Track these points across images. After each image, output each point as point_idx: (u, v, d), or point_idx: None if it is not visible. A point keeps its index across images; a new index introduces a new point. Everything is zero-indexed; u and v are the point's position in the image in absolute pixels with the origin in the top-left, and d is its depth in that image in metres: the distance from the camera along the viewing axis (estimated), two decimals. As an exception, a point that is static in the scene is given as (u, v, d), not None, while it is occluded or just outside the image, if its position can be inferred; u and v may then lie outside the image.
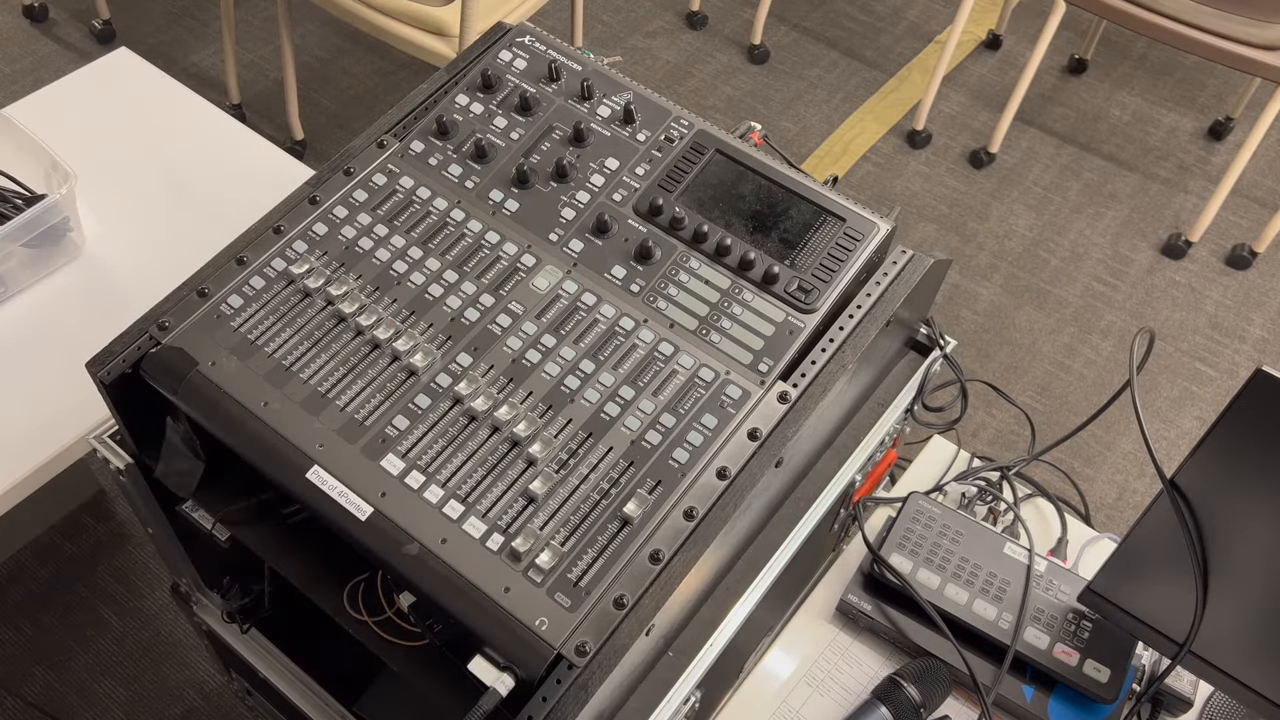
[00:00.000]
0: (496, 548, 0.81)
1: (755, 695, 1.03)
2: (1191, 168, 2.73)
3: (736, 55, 2.90)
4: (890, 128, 2.76)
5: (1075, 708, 0.99)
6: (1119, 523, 2.06)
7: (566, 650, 0.77)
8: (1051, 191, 2.65)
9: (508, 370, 0.90)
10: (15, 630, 1.79)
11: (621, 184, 1.00)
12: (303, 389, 0.89)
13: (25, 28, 2.74)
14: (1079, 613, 1.01)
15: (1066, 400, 2.25)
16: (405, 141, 1.03)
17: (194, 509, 1.02)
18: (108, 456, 1.00)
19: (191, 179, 1.45)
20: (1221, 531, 0.83)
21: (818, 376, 0.90)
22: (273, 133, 2.53)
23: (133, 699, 1.74)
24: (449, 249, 0.97)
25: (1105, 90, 2.92)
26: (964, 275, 2.45)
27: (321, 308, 0.93)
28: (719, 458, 0.85)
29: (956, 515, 1.08)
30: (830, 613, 1.08)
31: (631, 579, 0.80)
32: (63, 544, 1.89)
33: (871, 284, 0.96)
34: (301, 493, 0.85)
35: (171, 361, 0.90)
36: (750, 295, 0.94)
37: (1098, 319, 2.40)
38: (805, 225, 0.97)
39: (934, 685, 0.99)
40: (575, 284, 0.95)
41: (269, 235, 0.97)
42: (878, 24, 3.05)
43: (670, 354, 0.91)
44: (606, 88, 1.06)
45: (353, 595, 0.96)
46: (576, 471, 0.85)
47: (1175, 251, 2.52)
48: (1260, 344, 2.38)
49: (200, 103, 1.55)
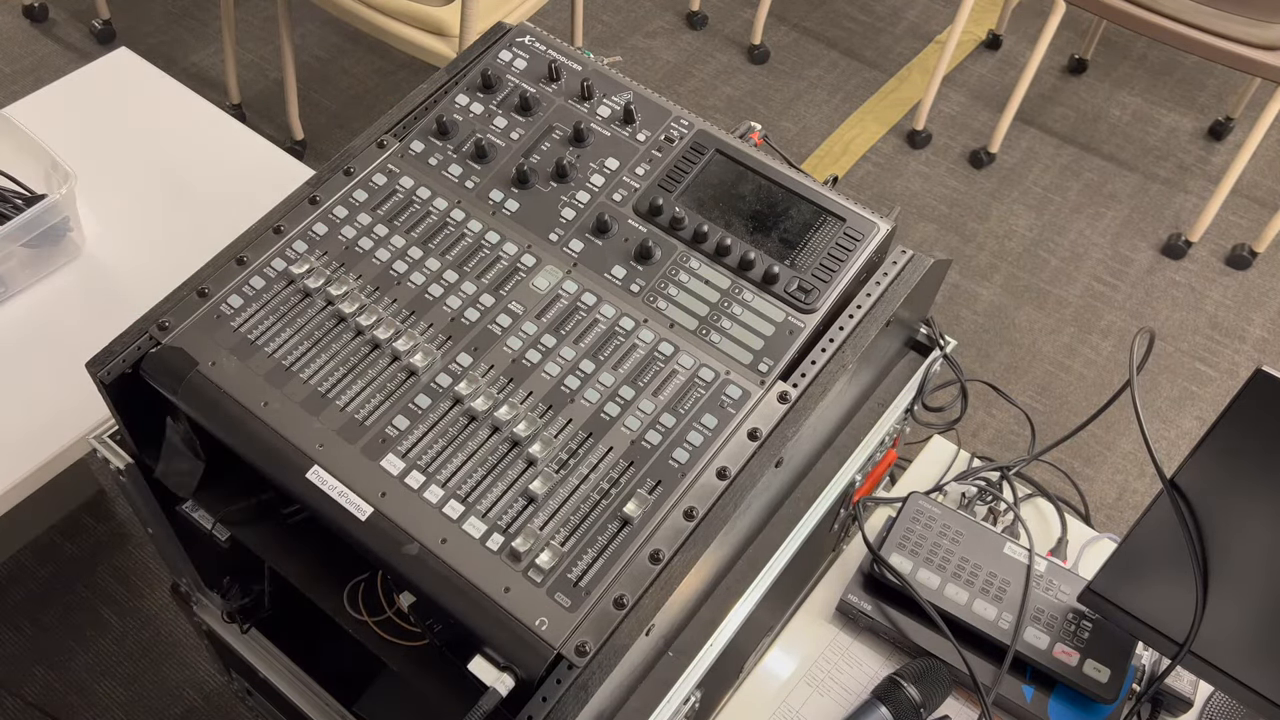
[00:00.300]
0: (496, 548, 0.81)
1: (755, 695, 1.03)
2: (1191, 168, 2.73)
3: (736, 55, 2.90)
4: (890, 128, 2.76)
5: (1075, 708, 0.99)
6: (1119, 523, 2.06)
7: (566, 650, 0.77)
8: (1051, 191, 2.65)
9: (508, 370, 0.90)
10: (15, 630, 1.79)
11: (621, 184, 1.00)
12: (303, 389, 0.89)
13: (25, 28, 2.74)
14: (1079, 613, 1.01)
15: (1066, 400, 2.25)
16: (405, 141, 1.03)
17: (194, 509, 1.02)
18: (108, 456, 1.00)
19: (191, 179, 1.45)
20: (1221, 531, 0.83)
21: (818, 376, 0.90)
22: (273, 133, 2.53)
23: (133, 699, 1.74)
24: (449, 249, 0.97)
25: (1105, 90, 2.92)
26: (964, 275, 2.46)
27: (321, 308, 0.93)
28: (719, 458, 0.85)
29: (956, 515, 1.08)
30: (830, 613, 1.08)
31: (631, 579, 0.80)
32: (63, 544, 1.89)
33: (871, 284, 0.96)
34: (301, 493, 0.85)
35: (171, 361, 0.90)
36: (750, 295, 0.94)
37: (1098, 319, 2.40)
38: (805, 225, 0.97)
39: (934, 685, 0.99)
40: (575, 284, 0.95)
41: (269, 235, 0.97)
42: (878, 24, 3.05)
43: (670, 354, 0.91)
44: (606, 88, 1.06)
45: (353, 595, 0.96)
46: (576, 471, 0.85)
47: (1175, 251, 2.52)
48: (1260, 344, 2.38)
49: (200, 103, 1.55)
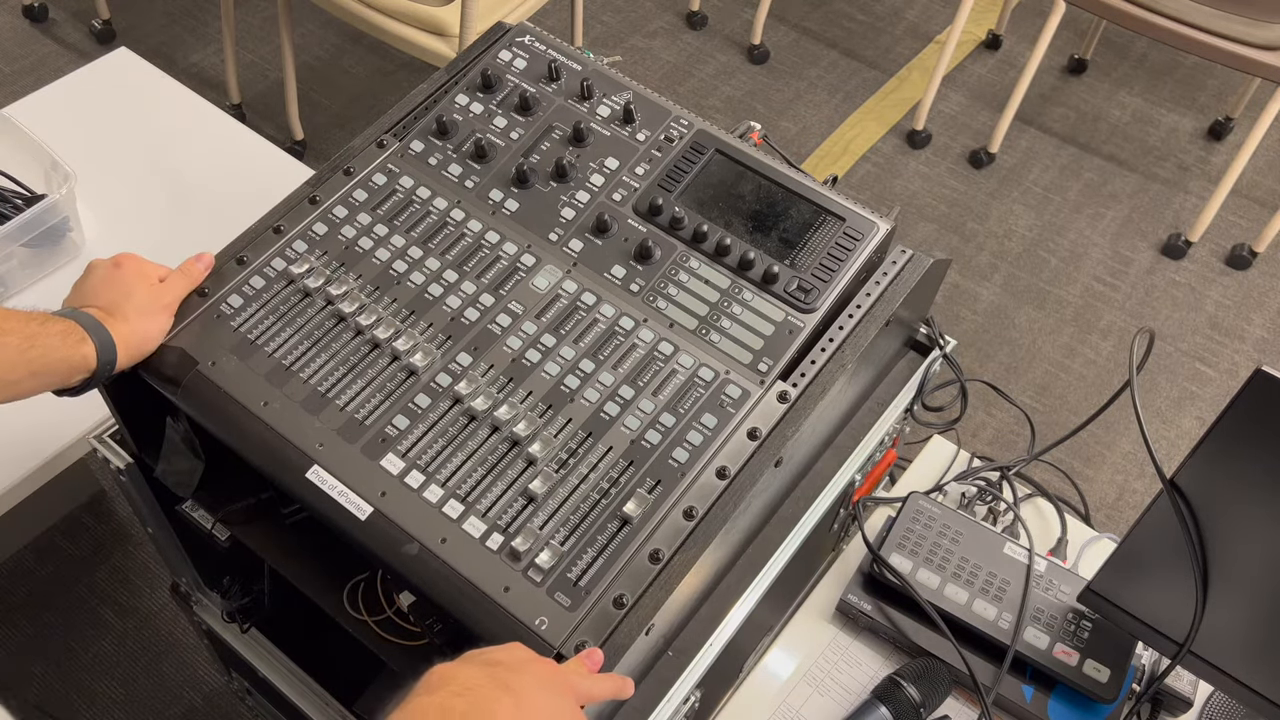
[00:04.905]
0: (496, 547, 0.81)
1: (755, 695, 1.03)
2: (1191, 168, 2.73)
3: (736, 55, 2.90)
4: (890, 128, 2.75)
5: (1075, 708, 0.99)
6: (1119, 523, 2.06)
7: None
8: (1051, 191, 2.65)
9: (508, 370, 0.90)
10: (15, 630, 1.79)
11: (621, 184, 1.00)
12: (303, 389, 0.89)
13: (25, 28, 2.74)
14: (1079, 613, 1.01)
15: (1066, 400, 2.25)
16: (405, 141, 1.03)
17: (194, 509, 1.02)
18: (108, 456, 1.00)
19: (191, 179, 1.45)
20: (1221, 531, 0.83)
21: (817, 376, 0.90)
22: (273, 133, 2.53)
23: (133, 699, 1.74)
24: (449, 249, 0.97)
25: (1105, 90, 2.92)
26: (964, 275, 2.45)
27: (321, 307, 0.93)
28: (719, 457, 0.85)
29: (956, 515, 1.08)
30: (830, 613, 1.08)
31: (631, 579, 0.80)
32: (63, 544, 1.89)
33: (871, 284, 0.96)
34: (301, 493, 0.85)
35: (171, 361, 0.90)
36: (750, 295, 0.94)
37: (1098, 319, 2.40)
38: (805, 225, 0.97)
39: (934, 685, 0.99)
40: (575, 284, 0.95)
41: (269, 235, 0.97)
42: (878, 24, 3.05)
43: (670, 353, 0.91)
44: (606, 88, 1.06)
45: (353, 595, 0.96)
46: (576, 471, 0.85)
47: (1175, 251, 2.52)
48: (1260, 344, 2.38)
49: (200, 103, 1.55)
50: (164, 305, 0.90)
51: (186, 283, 0.93)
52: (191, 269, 0.93)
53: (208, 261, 0.94)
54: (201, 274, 0.94)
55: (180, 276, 0.93)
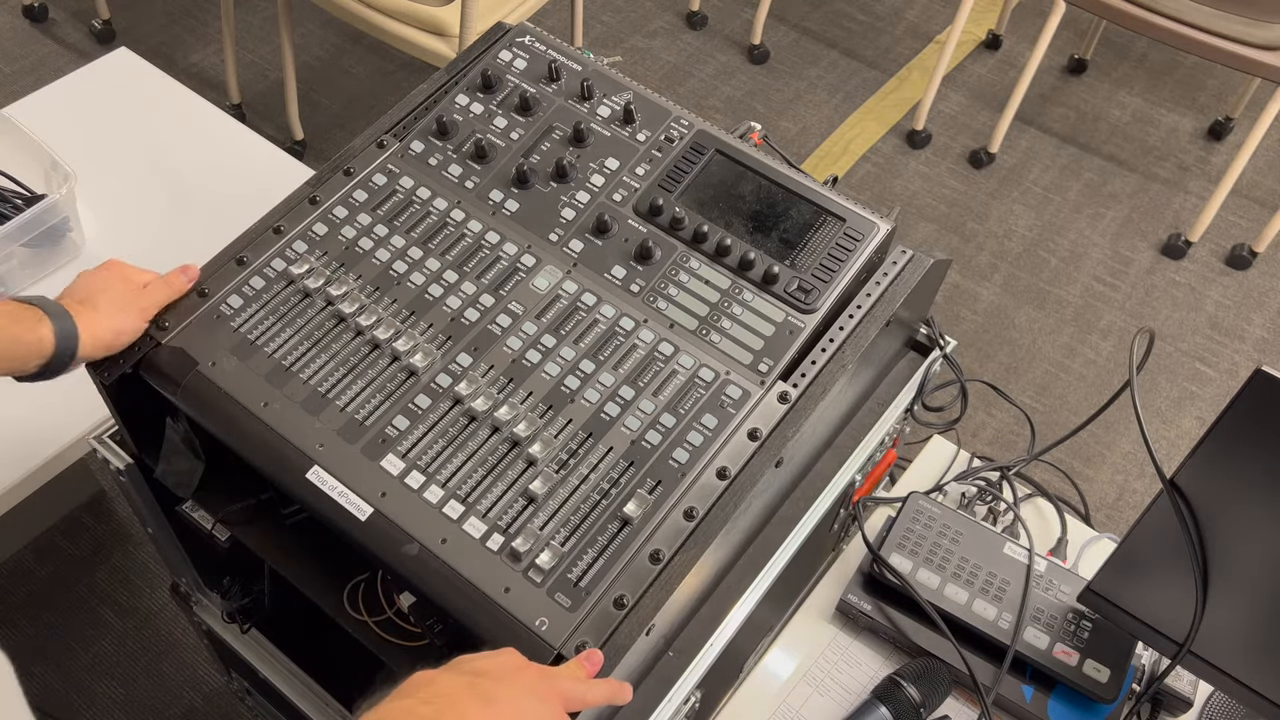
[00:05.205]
0: (496, 548, 0.81)
1: (755, 695, 1.03)
2: (1191, 168, 2.73)
3: (736, 55, 2.90)
4: (890, 128, 2.75)
5: (1075, 708, 0.99)
6: (1119, 523, 2.06)
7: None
8: (1051, 191, 2.65)
9: (508, 370, 0.90)
10: (15, 630, 1.79)
11: (621, 184, 1.00)
12: (303, 389, 0.89)
13: (25, 28, 2.74)
14: (1079, 613, 1.01)
15: (1066, 400, 2.25)
16: (405, 141, 1.03)
17: (194, 509, 1.02)
18: (108, 456, 1.00)
19: (191, 179, 1.45)
20: (1221, 531, 0.83)
21: (818, 376, 0.90)
22: (273, 133, 2.53)
23: (132, 699, 1.74)
24: (449, 249, 0.97)
25: (1105, 90, 2.92)
26: (964, 275, 2.45)
27: (321, 308, 0.93)
28: (719, 458, 0.85)
29: (956, 515, 1.08)
30: (830, 613, 1.08)
31: (631, 579, 0.80)
32: (63, 544, 1.89)
33: (871, 284, 0.96)
34: (301, 493, 0.85)
35: (171, 361, 0.90)
36: (750, 295, 0.94)
37: (1098, 319, 2.40)
38: (805, 225, 0.97)
39: (934, 685, 0.99)
40: (575, 284, 0.95)
41: (269, 235, 0.97)
42: (878, 24, 3.05)
43: (670, 354, 0.91)
44: (606, 88, 1.06)
45: (353, 595, 0.96)
46: (576, 471, 0.85)
47: (1175, 251, 2.52)
48: (1260, 344, 2.38)
49: (200, 103, 1.55)
50: (140, 308, 0.90)
51: (168, 291, 0.92)
52: (175, 279, 0.93)
53: (192, 274, 0.94)
54: (185, 285, 0.93)
55: (162, 284, 0.92)
